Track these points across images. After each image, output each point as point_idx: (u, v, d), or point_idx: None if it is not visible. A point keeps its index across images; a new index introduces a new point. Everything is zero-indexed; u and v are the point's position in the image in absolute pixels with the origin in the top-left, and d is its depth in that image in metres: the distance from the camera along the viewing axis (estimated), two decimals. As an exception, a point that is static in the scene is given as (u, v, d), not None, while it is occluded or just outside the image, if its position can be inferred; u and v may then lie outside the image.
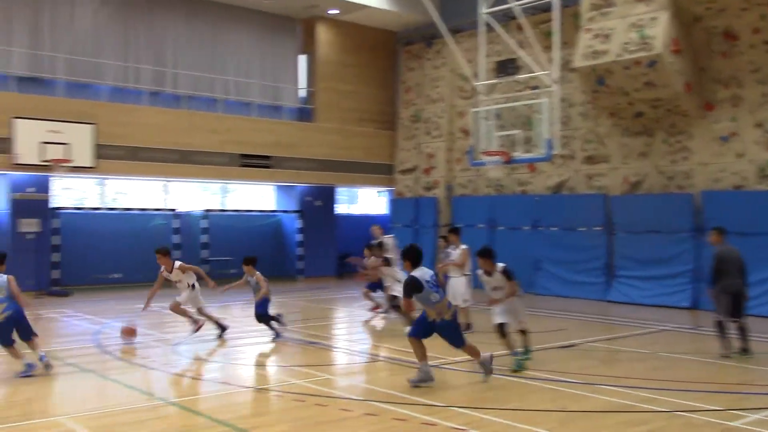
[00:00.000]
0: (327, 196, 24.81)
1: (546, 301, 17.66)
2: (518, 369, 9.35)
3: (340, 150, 23.95)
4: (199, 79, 22.07)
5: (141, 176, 20.88)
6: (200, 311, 12.38)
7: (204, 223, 22.68)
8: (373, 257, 14.96)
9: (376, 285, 15.24)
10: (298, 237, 24.08)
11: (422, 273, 8.53)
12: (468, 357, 9.14)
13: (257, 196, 25.35)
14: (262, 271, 12.43)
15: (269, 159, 22.44)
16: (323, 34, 24.21)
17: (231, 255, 21.12)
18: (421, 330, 8.70)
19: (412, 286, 8.42)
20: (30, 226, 19.14)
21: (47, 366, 9.28)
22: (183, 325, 12.62)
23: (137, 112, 20.31)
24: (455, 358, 9.80)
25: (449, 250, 13.12)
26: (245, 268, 12.41)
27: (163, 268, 12.09)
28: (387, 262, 14.20)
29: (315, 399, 7.99)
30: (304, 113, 24.32)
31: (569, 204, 19.55)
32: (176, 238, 21.74)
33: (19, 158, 17.86)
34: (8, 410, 7.74)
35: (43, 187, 19.39)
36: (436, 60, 23.87)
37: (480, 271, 9.78)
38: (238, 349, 11.54)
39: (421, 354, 8.64)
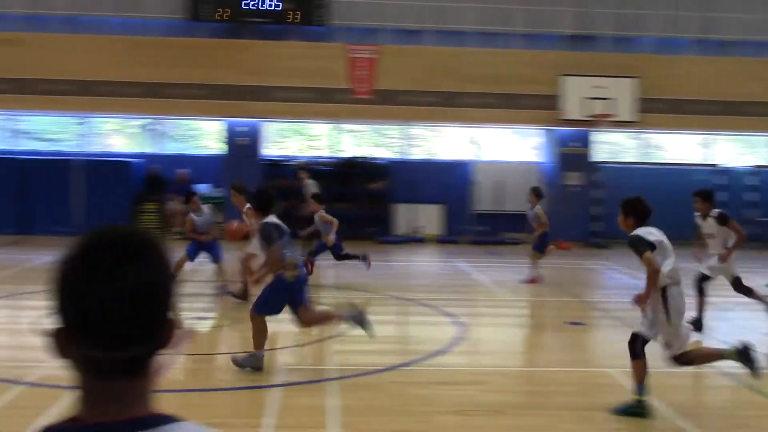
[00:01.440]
0: None
1: None
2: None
3: None
4: (749, 22, 20.09)
5: (683, 130, 20.10)
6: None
7: (752, 180, 20.74)
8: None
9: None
10: None
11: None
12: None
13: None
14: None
15: None
16: None
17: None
18: (279, 304, 6.69)
19: (274, 231, 6.60)
20: (574, 179, 19.97)
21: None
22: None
23: (681, 62, 19.48)
24: None
25: None
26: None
27: None
28: None
29: None
30: None
31: None
32: (721, 196, 20.30)
33: (565, 114, 18.72)
34: (558, 354, 8.05)
35: (584, 141, 19.99)
36: None
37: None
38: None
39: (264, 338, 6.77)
